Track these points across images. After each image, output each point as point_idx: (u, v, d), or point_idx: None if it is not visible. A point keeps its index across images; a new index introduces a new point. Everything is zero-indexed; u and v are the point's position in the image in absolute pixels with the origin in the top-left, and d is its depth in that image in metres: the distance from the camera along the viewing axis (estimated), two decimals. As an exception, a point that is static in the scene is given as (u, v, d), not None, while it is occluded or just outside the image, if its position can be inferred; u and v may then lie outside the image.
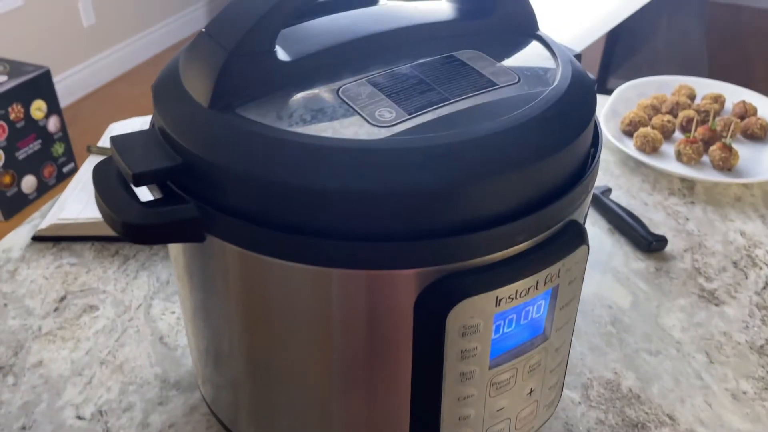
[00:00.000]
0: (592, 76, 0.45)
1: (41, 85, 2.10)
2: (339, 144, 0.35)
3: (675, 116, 0.96)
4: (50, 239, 0.74)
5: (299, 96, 0.39)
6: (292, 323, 0.40)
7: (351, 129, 0.37)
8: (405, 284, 0.37)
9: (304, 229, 0.36)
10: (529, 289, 0.38)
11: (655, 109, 0.97)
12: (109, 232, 0.74)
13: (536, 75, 0.42)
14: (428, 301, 0.37)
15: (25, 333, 0.64)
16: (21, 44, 2.45)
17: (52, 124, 2.17)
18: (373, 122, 0.37)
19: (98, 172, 0.41)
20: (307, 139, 0.36)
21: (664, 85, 1.03)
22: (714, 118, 0.93)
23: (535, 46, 0.47)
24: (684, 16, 2.28)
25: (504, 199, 0.36)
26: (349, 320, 0.39)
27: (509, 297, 0.37)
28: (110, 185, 0.40)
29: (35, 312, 0.66)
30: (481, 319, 0.37)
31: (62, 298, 0.68)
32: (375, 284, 0.37)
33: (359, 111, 0.38)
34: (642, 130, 0.90)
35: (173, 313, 0.66)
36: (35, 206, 2.15)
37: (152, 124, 0.44)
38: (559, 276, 0.39)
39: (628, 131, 0.93)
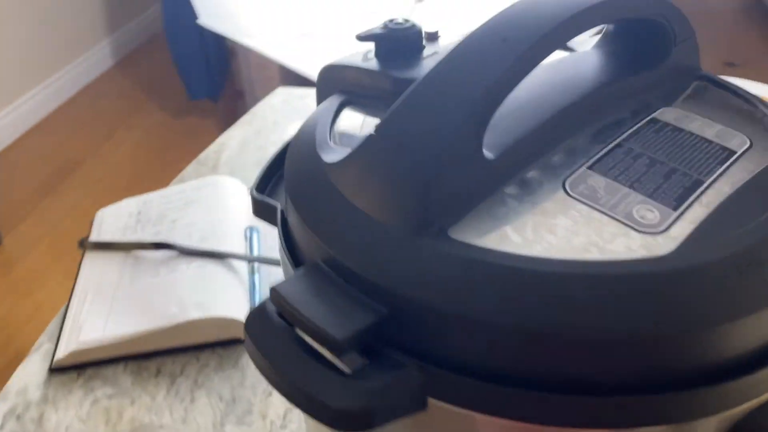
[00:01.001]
0: None
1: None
2: (621, 270, 0.27)
3: None
4: (72, 368, 0.61)
5: (519, 202, 0.31)
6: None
7: (618, 242, 0.28)
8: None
9: (574, 386, 0.27)
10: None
11: None
12: (144, 348, 0.62)
13: (760, 132, 0.35)
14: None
15: (80, 501, 0.51)
16: None
17: (-33, 195, 1.94)
18: (639, 228, 0.29)
19: (258, 334, 0.30)
20: (572, 268, 0.27)
21: None
22: None
23: (714, 90, 0.40)
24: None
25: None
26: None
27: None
28: (287, 352, 0.29)
29: (84, 469, 0.54)
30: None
31: (112, 445, 0.55)
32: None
33: (610, 213, 0.30)
34: None
35: (255, 438, 0.56)
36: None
37: (293, 255, 0.34)
38: None
39: None
